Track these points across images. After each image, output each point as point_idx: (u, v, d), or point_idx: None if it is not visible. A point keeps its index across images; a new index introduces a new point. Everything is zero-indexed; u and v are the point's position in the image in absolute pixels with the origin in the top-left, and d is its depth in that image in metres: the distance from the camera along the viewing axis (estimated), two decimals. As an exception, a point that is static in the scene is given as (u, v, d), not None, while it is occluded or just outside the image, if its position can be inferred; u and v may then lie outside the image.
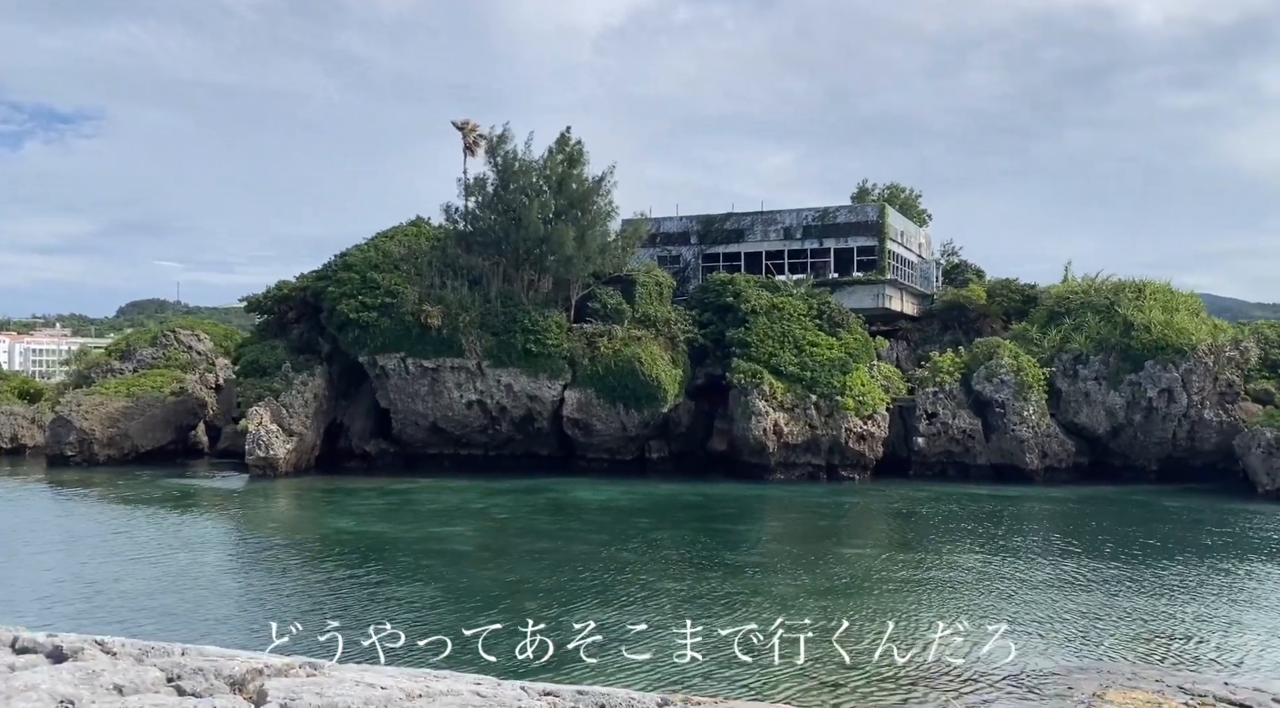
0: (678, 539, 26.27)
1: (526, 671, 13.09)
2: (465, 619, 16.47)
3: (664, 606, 17.71)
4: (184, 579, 19.73)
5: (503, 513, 31.42)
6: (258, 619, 16.27)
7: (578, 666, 13.29)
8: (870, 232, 46.24)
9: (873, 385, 39.95)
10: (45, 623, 15.11)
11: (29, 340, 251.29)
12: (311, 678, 5.11)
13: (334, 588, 19.23)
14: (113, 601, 17.48)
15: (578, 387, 41.66)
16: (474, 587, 19.54)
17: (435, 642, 14.66)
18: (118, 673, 5.00)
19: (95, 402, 47.75)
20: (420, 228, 46.97)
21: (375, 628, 14.28)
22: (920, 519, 30.06)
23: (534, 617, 16.78)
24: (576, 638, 15.15)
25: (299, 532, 27.55)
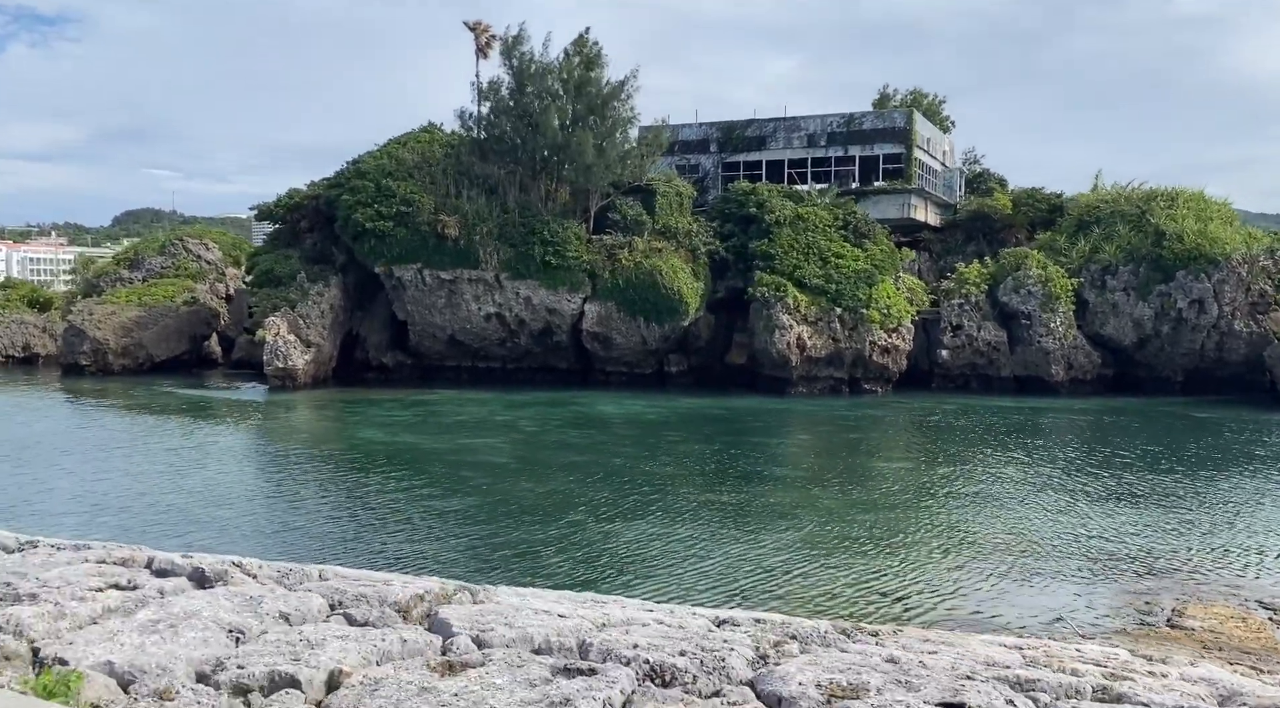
0: (711, 453, 26.15)
1: (595, 587, 12.93)
2: (521, 533, 16.36)
3: (714, 519, 17.59)
4: (230, 492, 19.59)
5: (530, 426, 31.28)
6: (320, 533, 16.14)
7: (646, 582, 13.16)
8: (897, 138, 44.97)
9: (898, 298, 39.41)
10: (109, 537, 14.95)
11: (26, 249, 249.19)
12: (483, 606, 4.76)
13: (384, 501, 19.09)
14: (166, 515, 17.32)
15: (597, 300, 41.10)
16: (520, 500, 19.40)
17: (504, 555, 14.57)
18: (278, 599, 4.64)
19: (107, 311, 47.26)
20: (433, 134, 45.63)
21: (441, 540, 14.17)
22: (952, 432, 29.94)
23: (585, 530, 16.71)
24: (636, 553, 15.05)
25: (331, 443, 27.42)
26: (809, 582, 13.30)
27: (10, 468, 21.91)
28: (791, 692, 3.34)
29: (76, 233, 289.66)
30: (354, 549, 15.06)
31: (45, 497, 18.84)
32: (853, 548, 15.31)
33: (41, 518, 16.91)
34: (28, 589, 4.80)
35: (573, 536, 16.13)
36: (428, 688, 3.49)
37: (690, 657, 3.74)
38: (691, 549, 15.08)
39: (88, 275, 57.59)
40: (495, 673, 3.61)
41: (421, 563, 14.04)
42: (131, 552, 5.43)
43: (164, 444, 26.52)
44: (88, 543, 5.74)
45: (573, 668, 3.60)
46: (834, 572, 13.80)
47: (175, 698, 3.56)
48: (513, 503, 19.12)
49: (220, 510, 17.51)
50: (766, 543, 15.50)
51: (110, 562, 5.30)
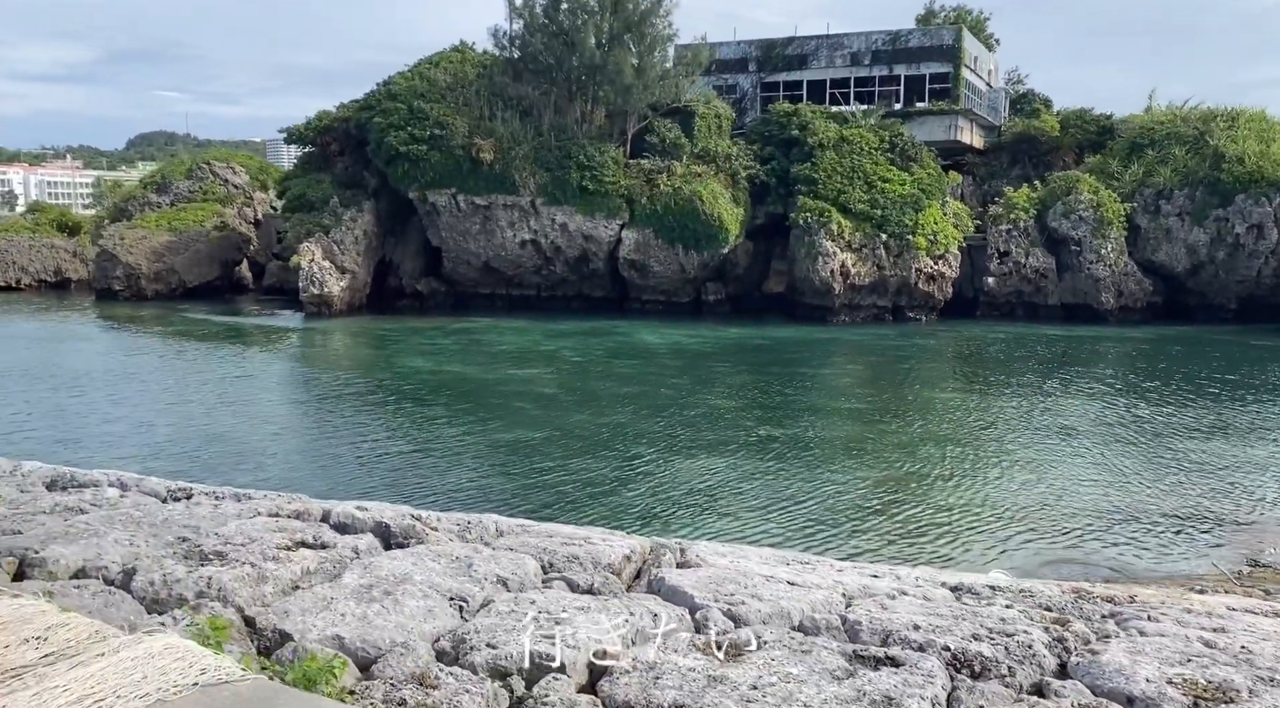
0: (763, 384, 25.80)
1: (692, 530, 12.73)
2: (593, 469, 16.14)
3: (788, 455, 17.30)
4: (292, 424, 19.43)
5: (574, 355, 30.97)
6: (397, 467, 15.95)
7: (746, 526, 12.92)
8: (945, 57, 43.28)
9: (945, 224, 38.44)
10: (177, 469, 14.83)
11: (43, 172, 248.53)
12: (700, 570, 4.41)
13: (450, 434, 18.89)
14: (235, 448, 17.17)
15: (635, 226, 40.31)
16: (583, 434, 19.15)
17: (585, 493, 14.35)
18: (488, 560, 4.30)
19: (138, 236, 46.90)
20: (465, 54, 44.30)
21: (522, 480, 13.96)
22: (1008, 361, 29.39)
23: (658, 466, 16.47)
24: (720, 492, 14.79)
25: (381, 372, 27.20)
26: (922, 526, 12.99)
27: (70, 397, 21.83)
28: (1144, 691, 2.98)
29: (91, 156, 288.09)
30: (436, 486, 14.89)
31: (110, 429, 18.74)
32: (943, 487, 15.01)
33: (111, 450, 16.82)
34: (212, 546, 4.49)
35: (647, 472, 15.90)
36: (716, 678, 3.14)
37: (991, 643, 3.37)
38: (778, 489, 14.80)
39: (115, 199, 57.01)
40: (784, 661, 3.25)
41: (509, 500, 13.86)
42: (305, 504, 5.10)
43: (214, 373, 26.39)
44: (248, 493, 5.42)
45: (870, 656, 3.24)
46: (940, 515, 13.49)
47: (438, 685, 3.22)
48: (575, 437, 18.88)
49: (287, 444, 17.36)
50: (853, 482, 15.22)
51: (285, 515, 4.97)
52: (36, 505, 5.25)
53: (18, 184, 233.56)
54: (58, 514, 5.07)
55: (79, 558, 4.36)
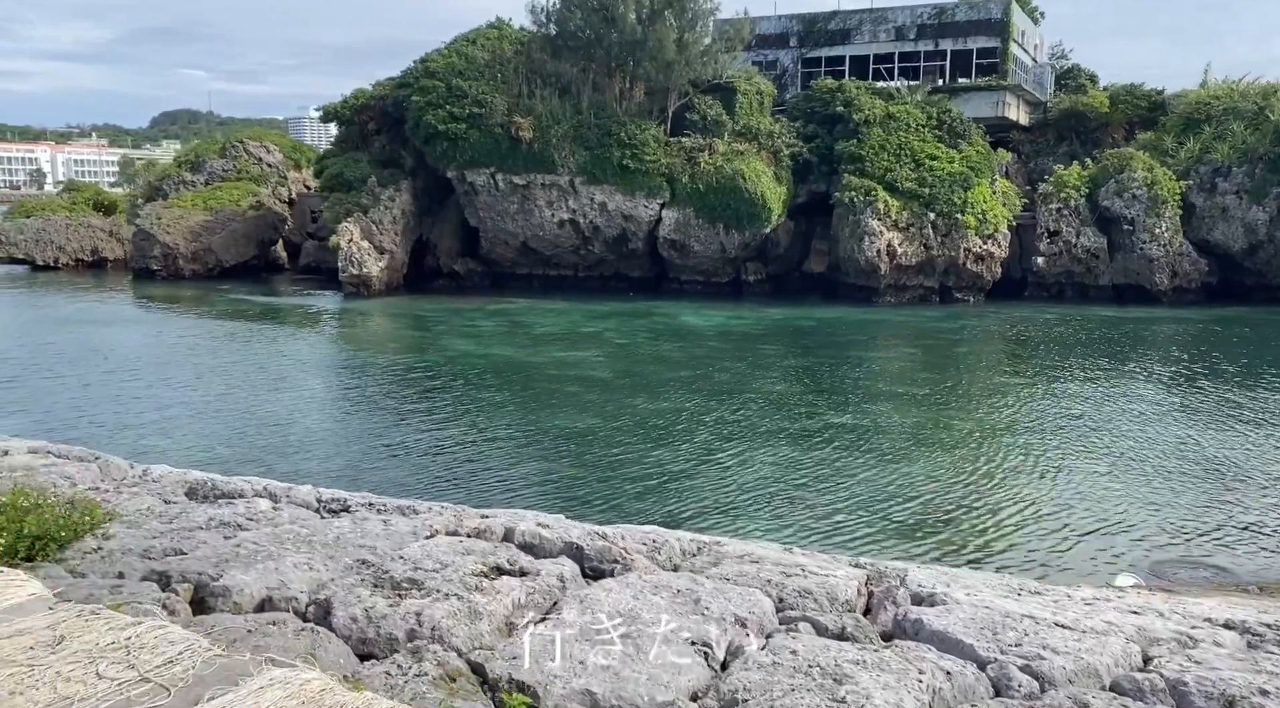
0: (817, 368, 25.31)
1: (780, 534, 12.35)
2: (659, 461, 15.77)
3: (858, 445, 16.85)
4: (350, 411, 19.16)
5: (619, 338, 30.56)
6: (466, 458, 15.64)
7: (837, 531, 12.52)
8: (992, 31, 42.22)
9: (995, 202, 37.60)
10: (248, 463, 14.60)
11: (70, 150, 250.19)
12: (949, 609, 4.00)
13: (511, 422, 18.56)
14: (304, 441, 16.90)
15: (676, 206, 39.73)
16: (639, 420, 18.77)
17: (652, 488, 13.99)
18: (715, 595, 3.91)
19: (175, 215, 46.82)
20: (502, 31, 43.67)
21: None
22: (1068, 344, 28.63)
23: (723, 457, 16.08)
24: (797, 489, 14.39)
25: (428, 354, 26.92)
26: (1026, 528, 12.52)
27: (125, 382, 21.69)
28: None
29: (116, 134, 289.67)
30: (506, 479, 14.57)
31: (169, 415, 18.54)
32: (1031, 482, 14.52)
33: (175, 438, 16.62)
34: (402, 573, 4.13)
35: (718, 463, 15.50)
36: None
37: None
38: (859, 485, 14.35)
39: (150, 178, 56.93)
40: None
41: (583, 494, 13.53)
42: (480, 520, 4.73)
43: (263, 356, 26.21)
44: (411, 506, 5.07)
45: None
46: (1036, 514, 13.01)
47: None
48: (635, 424, 18.51)
49: (345, 431, 17.07)
50: (931, 476, 14.76)
51: (465, 533, 4.61)
52: (190, 519, 4.94)
53: (45, 162, 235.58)
54: (216, 530, 4.75)
55: (261, 586, 4.03)
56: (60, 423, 17.13)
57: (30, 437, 14.96)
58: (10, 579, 3.13)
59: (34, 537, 4.54)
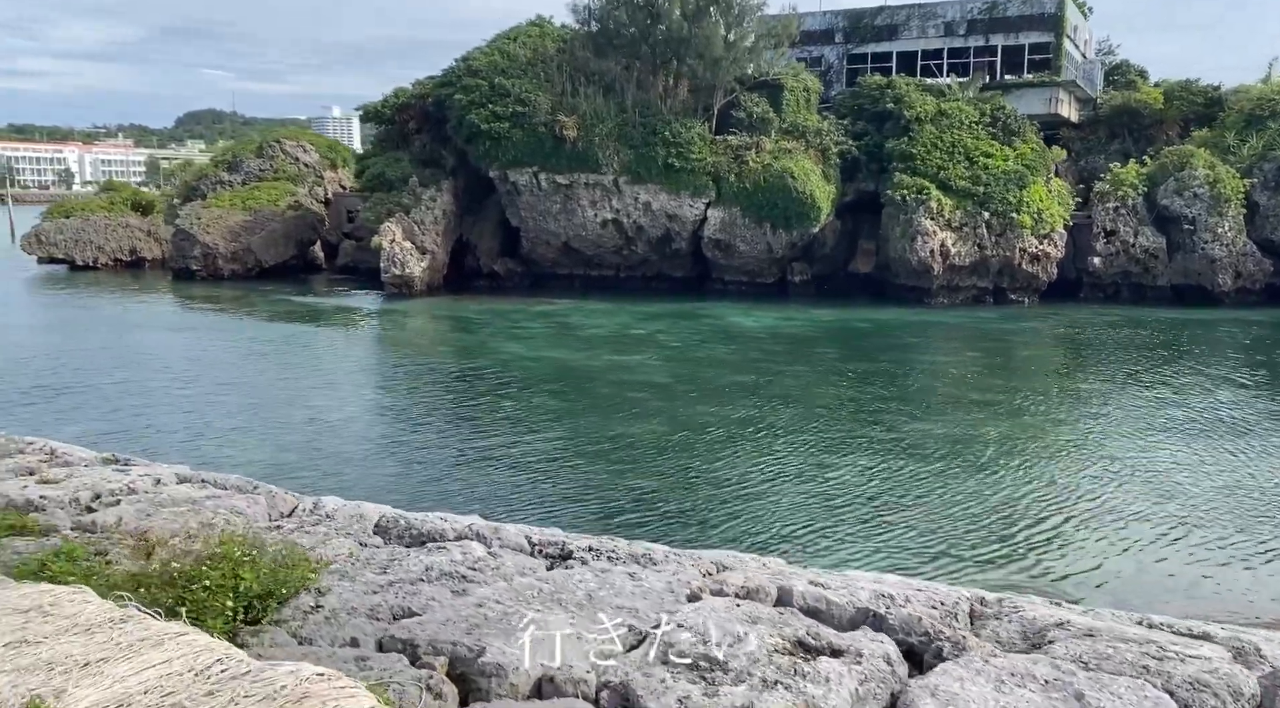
0: (886, 373, 24.60)
1: (897, 559, 11.75)
2: (743, 478, 15.19)
3: (941, 455, 16.20)
4: (409, 421, 18.67)
5: (672, 340, 29.98)
6: (543, 473, 15.10)
7: (946, 551, 11.88)
8: (1045, 26, 41.24)
9: (1051, 202, 36.69)
10: (329, 479, 14.14)
11: (98, 150, 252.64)
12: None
13: (580, 431, 18.02)
14: (370, 453, 16.46)
15: (722, 205, 39.09)
16: (709, 429, 18.17)
17: (743, 508, 13.40)
18: (1088, 683, 3.31)
19: (214, 215, 46.66)
20: (543, 28, 43.16)
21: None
22: (1142, 347, 27.68)
23: (802, 467, 15.47)
24: (897, 505, 13.76)
25: (480, 358, 26.44)
26: (1140, 553, 11.87)
27: (185, 389, 21.35)
28: None
29: (141, 134, 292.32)
30: (600, 499, 14.04)
31: (235, 424, 18.15)
32: (1133, 501, 13.81)
33: (244, 451, 16.22)
34: (694, 647, 3.56)
35: (797, 478, 14.89)
36: None
37: None
38: (958, 504, 13.69)
39: (186, 177, 56.93)
40: None
41: (688, 518, 12.98)
42: (744, 575, 4.14)
43: (317, 359, 25.86)
44: (647, 553, 4.48)
45: None
46: (1146, 540, 12.34)
47: None
48: (708, 433, 17.94)
49: (411, 443, 16.57)
50: (1026, 493, 14.09)
51: (733, 593, 4.02)
52: (405, 569, 4.41)
53: (73, 163, 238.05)
54: (441, 583, 4.21)
55: (535, 663, 3.46)
56: (127, 432, 16.77)
57: (97, 444, 14.57)
58: (339, 688, 2.58)
59: (254, 595, 4.03)
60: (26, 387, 20.39)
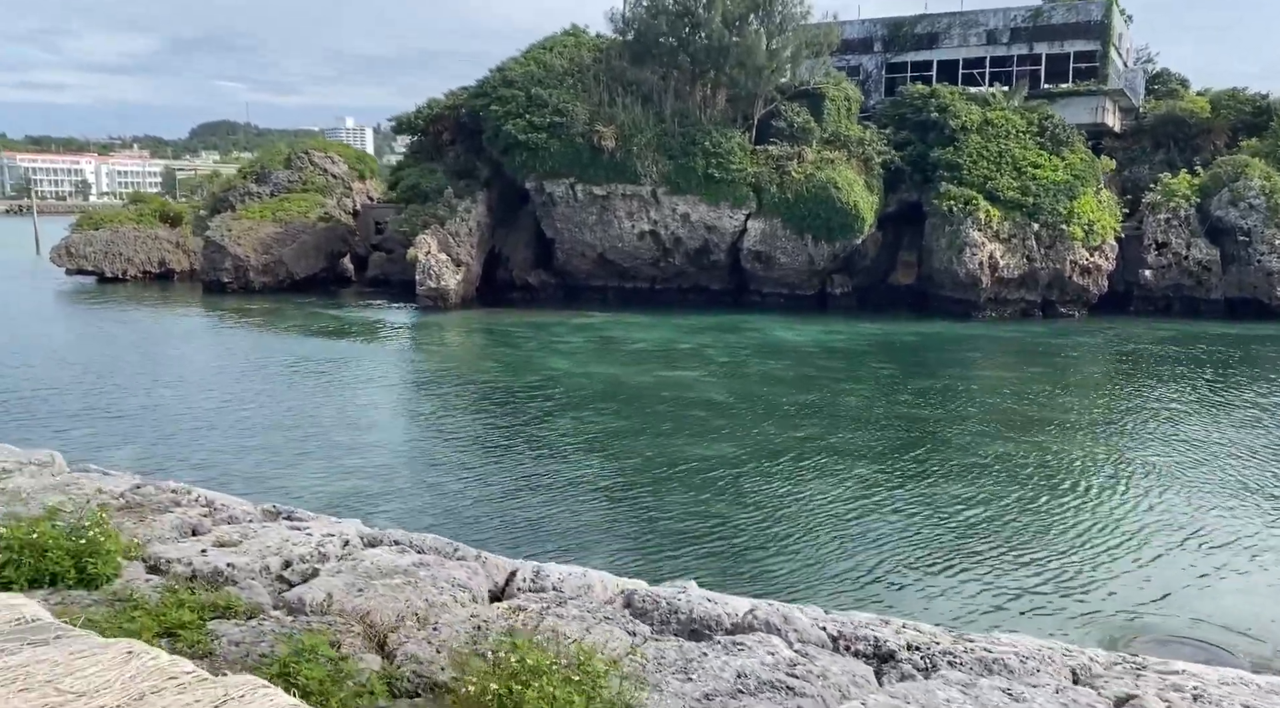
0: (950, 390, 23.84)
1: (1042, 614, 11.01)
2: (808, 496, 14.49)
3: (1036, 480, 15.46)
4: (468, 445, 18.02)
5: (720, 355, 29.30)
6: (630, 512, 14.44)
7: (1057, 602, 11.14)
8: (1092, 33, 40.48)
9: (1103, 212, 35.91)
10: (420, 517, 13.53)
11: (114, 161, 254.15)
12: None
13: (641, 453, 17.35)
14: (460, 487, 15.82)
15: (762, 216, 38.45)
16: (780, 450, 17.46)
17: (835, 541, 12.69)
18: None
19: (245, 227, 46.27)
20: (579, 38, 42.72)
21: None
22: (1211, 364, 26.81)
23: (890, 495, 14.76)
24: (982, 537, 13.03)
25: (528, 374, 25.81)
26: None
27: (239, 411, 20.79)
28: None
29: (156, 145, 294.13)
30: (685, 533, 13.36)
31: (303, 454, 17.56)
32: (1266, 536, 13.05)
33: (311, 482, 15.60)
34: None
35: (884, 509, 14.17)
36: None
37: None
38: (1059, 542, 12.96)
39: (213, 189, 56.65)
40: None
41: (764, 548, 12.27)
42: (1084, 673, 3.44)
43: (365, 378, 25.27)
44: (987, 648, 3.76)
45: None
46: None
47: None
48: (781, 457, 17.25)
49: (482, 465, 15.93)
50: (1145, 531, 13.33)
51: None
52: (716, 677, 3.60)
53: (90, 173, 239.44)
54: (766, 698, 3.42)
55: None
56: (189, 459, 16.18)
57: (165, 471, 13.95)
58: None
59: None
60: (76, 408, 19.86)
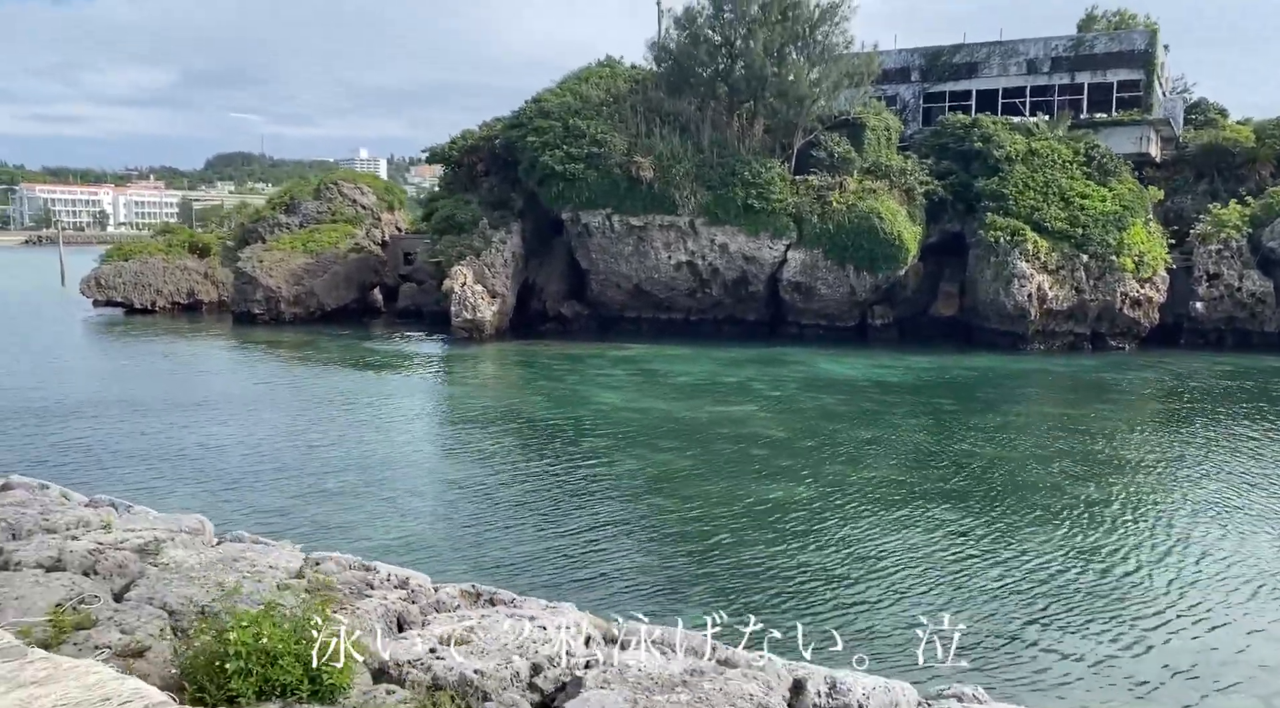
0: (1020, 427, 23.05)
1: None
2: (923, 550, 13.70)
3: (1131, 528, 14.65)
4: (524, 485, 17.33)
5: (769, 389, 28.57)
6: (709, 549, 13.69)
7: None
8: (1135, 63, 40.02)
9: (1153, 243, 35.20)
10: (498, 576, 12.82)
11: (131, 192, 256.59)
12: None
13: (711, 497, 16.62)
14: (529, 536, 15.12)
15: (803, 247, 37.87)
16: (854, 493, 16.72)
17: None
18: None
19: (276, 258, 45.98)
20: (614, 69, 42.52)
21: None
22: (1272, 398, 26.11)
23: (994, 544, 13.96)
24: (1117, 598, 12.20)
25: (577, 409, 25.12)
26: None
27: (294, 452, 20.17)
28: None
29: (172, 176, 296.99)
30: (788, 584, 12.59)
31: (378, 506, 16.91)
32: None
33: (400, 534, 14.93)
34: None
35: (984, 558, 13.37)
36: None
37: None
38: (1195, 605, 12.15)
39: (241, 220, 56.53)
40: None
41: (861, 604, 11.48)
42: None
43: (413, 414, 24.68)
44: None
45: None
46: None
47: None
48: (858, 500, 16.51)
49: (554, 512, 15.18)
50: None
51: None
52: None
53: (108, 204, 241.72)
54: None
55: None
56: (267, 510, 15.51)
57: (233, 524, 13.25)
58: None
59: None
60: (133, 449, 19.26)
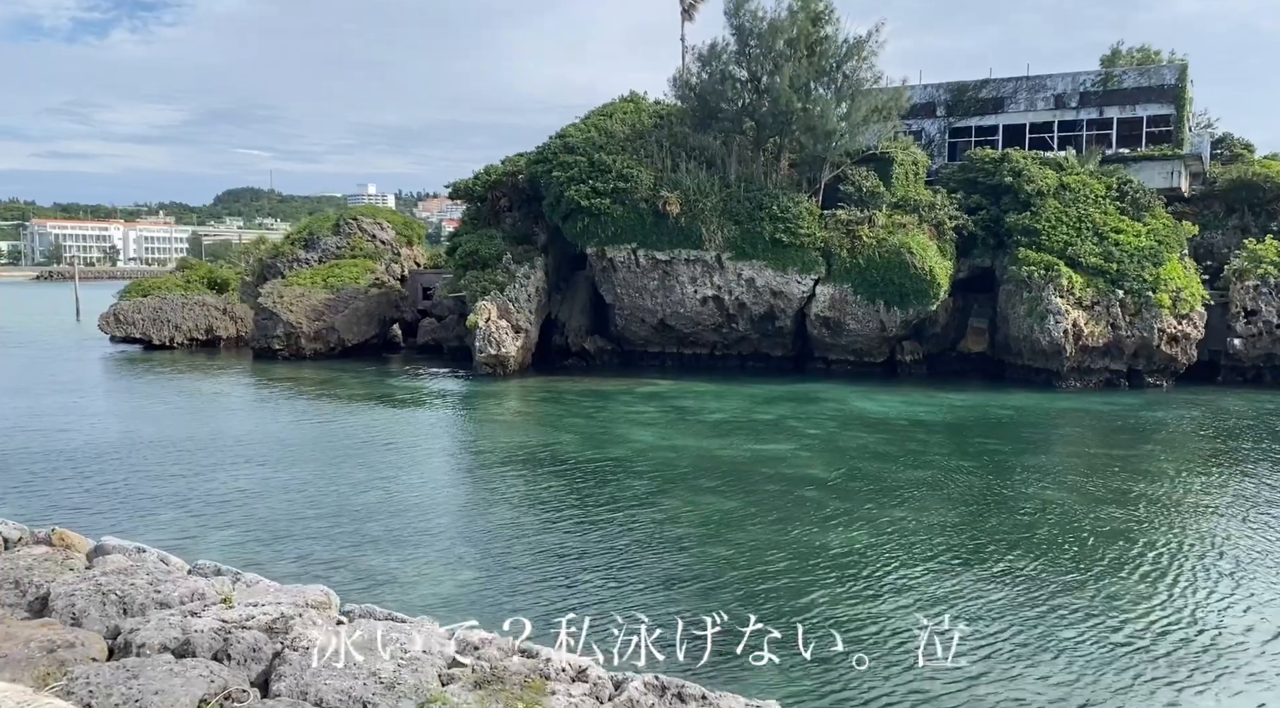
0: (1071, 468, 22.36)
1: None
2: (1000, 606, 13.02)
3: (1207, 578, 13.95)
4: (602, 539, 16.68)
5: (806, 427, 27.93)
6: (756, 600, 13.02)
7: None
8: (1165, 98, 39.78)
9: (1191, 279, 34.65)
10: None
11: (141, 227, 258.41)
12: None
13: (763, 543, 15.99)
14: (585, 587, 14.49)
15: (832, 282, 37.40)
16: (914, 538, 16.08)
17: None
18: None
19: (296, 294, 45.68)
20: (639, 104, 42.44)
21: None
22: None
23: (1067, 599, 13.28)
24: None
25: (611, 446, 24.52)
26: None
27: (335, 498, 19.59)
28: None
29: (181, 212, 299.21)
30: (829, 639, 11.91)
31: (435, 556, 16.29)
32: None
33: (457, 589, 14.30)
34: None
35: (1067, 611, 12.68)
36: None
37: None
38: None
39: (260, 255, 56.40)
40: None
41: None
42: None
43: (444, 455, 24.12)
44: None
45: None
46: None
47: None
48: (919, 546, 15.87)
49: (607, 559, 14.53)
50: None
51: None
52: None
53: (118, 239, 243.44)
54: None
55: None
56: (317, 560, 14.92)
57: (309, 580, 12.65)
58: None
59: None
60: (170, 493, 18.69)
